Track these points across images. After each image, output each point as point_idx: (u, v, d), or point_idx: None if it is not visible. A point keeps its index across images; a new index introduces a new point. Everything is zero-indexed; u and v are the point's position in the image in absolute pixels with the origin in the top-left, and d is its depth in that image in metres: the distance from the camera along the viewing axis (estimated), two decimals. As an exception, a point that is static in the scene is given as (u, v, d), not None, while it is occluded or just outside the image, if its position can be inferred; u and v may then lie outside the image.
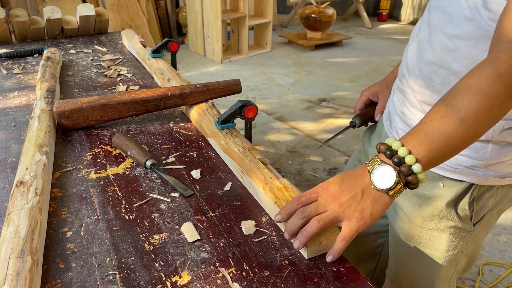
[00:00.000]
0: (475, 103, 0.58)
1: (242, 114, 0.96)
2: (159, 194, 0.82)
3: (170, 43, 1.38)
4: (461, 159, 0.78)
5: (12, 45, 1.70)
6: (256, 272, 0.64)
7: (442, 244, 0.86)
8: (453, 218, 0.83)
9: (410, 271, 0.94)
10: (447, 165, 0.79)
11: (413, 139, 0.61)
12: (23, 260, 0.59)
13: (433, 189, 0.82)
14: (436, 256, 0.88)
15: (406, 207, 0.88)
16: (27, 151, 0.85)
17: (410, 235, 0.90)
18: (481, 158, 0.77)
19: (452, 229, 0.84)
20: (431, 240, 0.87)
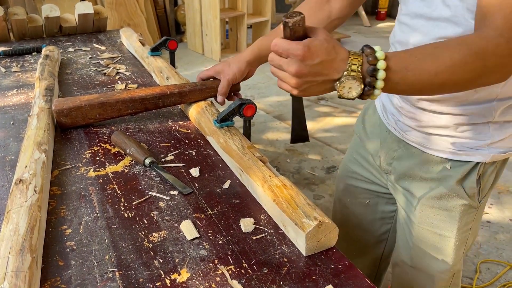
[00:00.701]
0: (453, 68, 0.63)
1: (241, 113, 0.96)
2: (158, 192, 0.82)
3: (169, 41, 1.38)
4: (466, 142, 0.83)
5: (10, 43, 1.70)
6: (255, 269, 0.65)
7: (454, 223, 0.89)
8: (463, 196, 0.86)
9: (423, 254, 0.96)
10: (453, 149, 0.84)
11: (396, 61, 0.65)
12: (23, 257, 0.59)
13: (442, 172, 0.86)
14: (448, 236, 0.91)
15: (418, 192, 0.91)
16: (26, 149, 0.85)
17: (423, 217, 0.92)
18: (484, 138, 0.81)
19: (462, 207, 0.88)
20: (443, 220, 0.90)
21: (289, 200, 0.72)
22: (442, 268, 0.95)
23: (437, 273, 0.96)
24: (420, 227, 0.94)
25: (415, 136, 0.89)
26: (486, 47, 0.62)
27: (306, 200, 0.72)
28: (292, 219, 0.69)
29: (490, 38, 0.63)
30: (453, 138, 0.84)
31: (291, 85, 0.66)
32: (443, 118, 0.83)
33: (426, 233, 0.93)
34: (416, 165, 0.90)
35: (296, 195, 0.73)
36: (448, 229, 0.91)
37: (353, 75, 0.64)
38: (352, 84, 0.64)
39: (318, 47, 0.64)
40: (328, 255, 0.68)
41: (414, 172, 0.91)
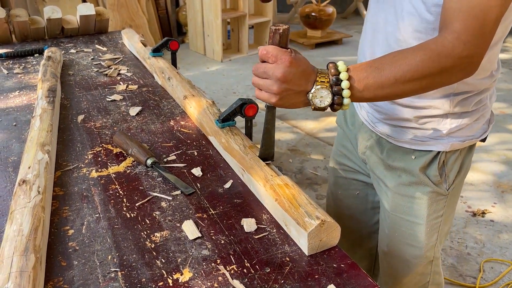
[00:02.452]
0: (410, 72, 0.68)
1: (242, 112, 0.96)
2: (160, 192, 0.82)
3: (171, 42, 1.38)
4: (427, 132, 0.89)
5: (12, 45, 1.70)
6: (257, 269, 0.65)
7: (423, 209, 0.95)
8: (428, 183, 0.92)
9: (398, 241, 1.01)
10: (415, 139, 0.91)
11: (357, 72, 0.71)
12: (27, 258, 0.59)
13: (407, 162, 0.93)
14: (419, 223, 0.96)
15: (388, 180, 0.97)
16: (29, 150, 0.85)
17: (394, 205, 0.98)
18: (443, 129, 0.88)
19: (430, 194, 0.93)
20: (412, 207, 0.95)
21: (291, 199, 0.72)
22: (416, 254, 0.99)
23: (411, 259, 1.01)
24: (393, 215, 0.99)
25: (382, 127, 0.95)
26: (440, 50, 0.67)
27: (308, 200, 0.72)
28: (294, 218, 0.69)
29: (446, 41, 0.67)
30: (415, 129, 0.90)
31: (273, 91, 0.71)
32: (405, 111, 0.89)
33: (398, 221, 0.98)
34: (384, 155, 0.96)
35: (298, 195, 0.73)
36: (418, 216, 0.95)
37: (322, 86, 0.71)
38: (323, 94, 0.71)
39: (301, 58, 0.72)
40: (330, 254, 0.68)
41: (383, 161, 0.97)
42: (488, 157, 2.63)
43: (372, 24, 0.90)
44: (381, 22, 0.86)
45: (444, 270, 1.82)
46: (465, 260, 1.87)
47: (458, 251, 1.92)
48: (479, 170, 2.51)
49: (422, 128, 0.89)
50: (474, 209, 2.17)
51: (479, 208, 2.17)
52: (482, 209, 2.16)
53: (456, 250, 1.92)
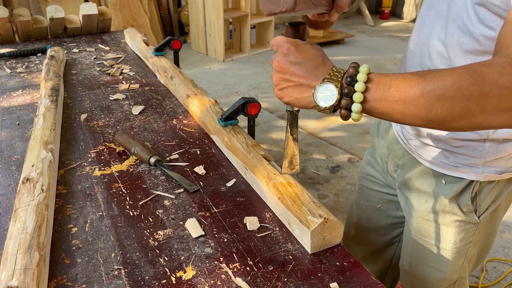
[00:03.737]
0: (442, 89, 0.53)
1: (245, 111, 0.96)
2: (163, 191, 0.82)
3: (173, 41, 1.38)
4: (460, 157, 0.80)
5: (15, 45, 1.71)
6: (260, 267, 0.65)
7: (449, 237, 0.88)
8: (456, 213, 0.85)
9: (421, 263, 0.96)
10: (447, 163, 0.82)
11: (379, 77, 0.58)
12: (31, 255, 0.59)
13: (437, 186, 0.85)
14: (444, 248, 0.90)
15: (415, 202, 0.91)
16: (32, 149, 0.85)
17: (419, 228, 0.93)
18: (478, 156, 0.78)
19: (457, 223, 0.86)
20: (438, 233, 0.89)
21: (294, 197, 0.72)
22: (439, 277, 0.94)
23: (434, 281, 0.95)
24: (417, 237, 0.94)
25: (415, 145, 0.87)
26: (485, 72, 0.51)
27: (311, 198, 0.72)
28: (297, 217, 0.69)
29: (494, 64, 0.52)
30: (448, 152, 0.81)
31: (273, 81, 0.65)
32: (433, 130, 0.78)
33: (422, 243, 0.93)
34: (414, 176, 0.90)
35: (301, 193, 0.73)
36: (444, 241, 0.89)
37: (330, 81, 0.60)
38: (329, 91, 0.59)
39: (306, 49, 0.63)
40: (333, 252, 0.68)
41: (412, 182, 0.90)
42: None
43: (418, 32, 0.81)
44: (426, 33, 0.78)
45: (447, 269, 1.82)
46: (468, 259, 1.86)
47: (461, 250, 1.91)
48: (482, 169, 2.50)
49: (456, 151, 0.80)
50: (477, 208, 2.17)
51: (482, 208, 2.17)
52: (485, 209, 2.16)
53: (459, 250, 1.92)
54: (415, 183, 0.90)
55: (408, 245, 0.99)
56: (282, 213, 0.74)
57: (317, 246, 0.67)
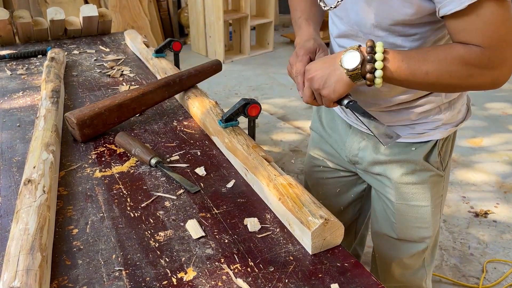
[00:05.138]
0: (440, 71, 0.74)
1: (245, 112, 0.97)
2: (164, 192, 0.83)
3: (173, 43, 1.38)
4: (424, 125, 0.95)
5: (15, 46, 1.71)
6: (261, 268, 0.65)
7: (427, 194, 1.01)
8: (430, 168, 0.99)
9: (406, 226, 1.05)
10: (413, 133, 0.96)
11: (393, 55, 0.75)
12: (33, 256, 0.59)
13: (408, 154, 0.98)
14: (425, 205, 1.02)
15: (390, 173, 1.01)
16: (34, 150, 0.86)
17: (400, 194, 1.02)
18: (439, 119, 0.95)
19: (432, 178, 1.00)
20: (418, 193, 1.01)
21: (294, 198, 0.72)
22: (425, 235, 1.06)
23: (420, 240, 1.07)
24: (399, 204, 1.03)
25: None
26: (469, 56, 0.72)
27: (311, 199, 0.72)
28: (298, 218, 0.69)
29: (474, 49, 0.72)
30: (413, 125, 0.95)
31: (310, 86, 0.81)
32: (404, 112, 0.94)
33: (405, 208, 1.03)
34: (382, 153, 1.00)
35: (301, 194, 0.73)
36: (423, 199, 1.01)
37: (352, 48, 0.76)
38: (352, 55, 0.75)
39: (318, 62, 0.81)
40: (334, 253, 0.68)
41: (383, 158, 1.00)
42: (490, 158, 2.62)
43: None
44: None
45: (447, 270, 1.82)
46: (468, 260, 1.86)
47: (461, 251, 1.91)
48: (482, 170, 2.50)
49: (419, 122, 0.95)
50: (477, 209, 2.17)
51: (482, 209, 2.17)
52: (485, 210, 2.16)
53: (459, 251, 1.92)
54: (386, 157, 0.99)
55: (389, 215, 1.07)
56: (283, 214, 0.74)
57: (318, 247, 0.68)
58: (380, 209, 1.09)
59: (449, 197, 2.27)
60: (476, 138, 2.86)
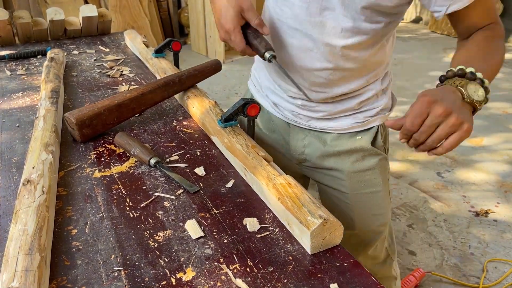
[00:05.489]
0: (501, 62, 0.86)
1: (244, 112, 0.97)
2: (163, 192, 0.83)
3: (173, 43, 1.38)
4: (366, 112, 1.02)
5: (15, 47, 1.71)
6: (260, 268, 0.65)
7: (378, 177, 1.06)
8: (377, 152, 1.05)
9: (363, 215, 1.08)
10: (357, 122, 1.02)
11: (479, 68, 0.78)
12: (32, 257, 0.59)
13: (355, 142, 1.03)
14: (378, 191, 1.07)
15: (341, 164, 1.05)
16: (33, 150, 0.86)
17: (352, 184, 1.05)
18: (378, 106, 1.02)
19: (380, 162, 1.05)
20: (370, 179, 1.05)
21: (293, 198, 0.72)
22: (382, 221, 1.11)
23: (378, 228, 1.11)
24: (354, 194, 1.06)
25: (320, 123, 1.03)
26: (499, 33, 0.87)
27: (310, 199, 0.72)
28: (297, 217, 0.69)
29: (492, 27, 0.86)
30: (355, 115, 1.01)
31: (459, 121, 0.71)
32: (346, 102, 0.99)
33: (360, 197, 1.06)
34: (328, 145, 1.04)
35: (300, 194, 0.73)
36: (376, 184, 1.06)
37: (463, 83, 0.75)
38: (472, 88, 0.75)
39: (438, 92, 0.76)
40: (333, 253, 0.68)
41: (331, 150, 1.04)
42: (491, 157, 2.62)
43: None
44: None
45: (448, 270, 1.82)
46: (469, 260, 1.86)
47: (461, 251, 1.91)
48: (482, 170, 2.50)
49: (362, 111, 1.01)
50: (477, 209, 2.16)
51: (482, 208, 2.16)
52: (485, 209, 2.15)
53: (460, 250, 1.92)
54: (334, 149, 1.03)
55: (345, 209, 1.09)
56: (282, 214, 0.74)
57: (317, 247, 0.68)
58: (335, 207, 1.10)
59: (450, 196, 2.27)
60: (476, 138, 2.85)
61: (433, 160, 2.60)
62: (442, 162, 2.58)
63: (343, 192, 1.06)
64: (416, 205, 2.22)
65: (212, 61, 1.25)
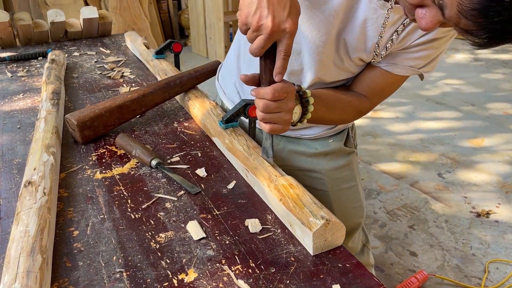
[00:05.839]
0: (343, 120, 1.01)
1: (246, 113, 0.96)
2: (165, 193, 0.82)
3: (174, 44, 1.38)
4: None
5: (16, 48, 1.71)
6: (262, 269, 0.65)
7: (354, 171, 1.12)
8: (349, 150, 1.10)
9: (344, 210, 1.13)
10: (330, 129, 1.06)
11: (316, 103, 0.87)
12: (33, 258, 0.59)
13: (327, 146, 1.08)
14: (354, 185, 1.12)
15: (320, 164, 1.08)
16: (34, 152, 0.85)
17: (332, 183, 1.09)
18: None
19: (353, 158, 1.12)
20: (346, 175, 1.10)
21: (295, 199, 0.72)
22: (361, 212, 1.18)
23: (358, 219, 1.18)
24: (334, 191, 1.10)
25: (292, 132, 1.06)
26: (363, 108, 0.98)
27: (312, 199, 0.72)
28: (299, 218, 0.69)
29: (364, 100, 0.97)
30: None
31: (287, 121, 0.78)
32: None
33: (339, 193, 1.11)
34: (304, 148, 1.07)
35: (302, 195, 0.73)
36: (352, 179, 1.11)
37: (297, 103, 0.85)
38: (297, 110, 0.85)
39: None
40: (335, 254, 0.68)
41: (306, 153, 1.07)
42: (492, 158, 2.62)
43: None
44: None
45: (449, 271, 1.81)
46: (470, 261, 1.86)
47: (463, 252, 1.91)
48: (483, 170, 2.50)
49: None
50: (479, 209, 2.16)
51: (484, 209, 2.16)
52: (487, 210, 2.15)
53: (461, 251, 1.91)
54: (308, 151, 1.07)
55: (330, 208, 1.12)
56: (284, 215, 0.74)
57: (319, 248, 0.67)
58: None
59: (451, 197, 2.27)
60: (477, 138, 2.85)
61: (434, 161, 2.60)
62: (443, 163, 2.58)
63: (323, 190, 1.10)
64: (417, 206, 2.22)
65: (213, 63, 1.25)
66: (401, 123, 3.08)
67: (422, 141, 2.83)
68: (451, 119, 3.12)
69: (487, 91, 3.59)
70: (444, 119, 3.13)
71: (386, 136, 2.90)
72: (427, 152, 2.70)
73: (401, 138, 2.87)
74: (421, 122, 3.09)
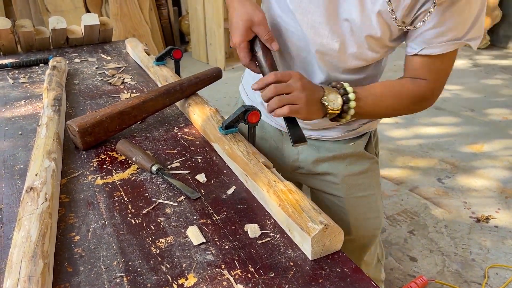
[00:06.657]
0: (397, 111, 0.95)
1: (245, 119, 0.97)
2: (165, 199, 0.83)
3: (174, 51, 1.39)
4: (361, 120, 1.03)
5: (18, 55, 1.73)
6: (261, 273, 0.65)
7: (372, 180, 1.09)
8: (370, 156, 1.07)
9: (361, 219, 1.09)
10: (351, 130, 1.03)
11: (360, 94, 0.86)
12: (35, 263, 0.60)
13: (348, 149, 1.05)
14: (373, 194, 1.09)
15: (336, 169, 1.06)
16: (36, 158, 0.86)
17: (349, 189, 1.07)
18: None
19: (373, 165, 1.08)
20: (364, 183, 1.07)
21: (294, 204, 0.73)
22: (378, 224, 1.12)
23: (374, 232, 1.12)
24: (349, 198, 1.07)
25: (314, 132, 1.04)
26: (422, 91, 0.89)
27: (311, 205, 0.73)
28: (298, 224, 0.69)
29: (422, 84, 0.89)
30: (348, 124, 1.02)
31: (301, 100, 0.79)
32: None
33: (355, 201, 1.07)
34: (323, 151, 1.05)
35: (301, 200, 0.74)
36: (370, 188, 1.08)
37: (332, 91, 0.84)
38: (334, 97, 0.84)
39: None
40: (334, 258, 0.68)
41: (324, 156, 1.05)
42: (491, 163, 2.62)
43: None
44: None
45: (449, 276, 1.81)
46: (470, 266, 1.86)
47: (463, 257, 1.91)
48: (483, 176, 2.50)
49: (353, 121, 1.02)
50: (478, 215, 2.16)
51: (483, 214, 2.16)
52: (486, 215, 2.15)
53: (461, 256, 1.91)
54: (328, 154, 1.05)
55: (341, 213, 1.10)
56: (283, 220, 0.74)
57: (318, 253, 0.68)
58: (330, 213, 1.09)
59: (450, 202, 2.27)
60: (477, 144, 2.86)
61: (433, 166, 2.61)
62: (443, 168, 2.58)
63: (338, 196, 1.07)
64: (417, 211, 2.22)
65: (213, 69, 1.26)
66: (400, 128, 3.09)
67: (422, 146, 2.84)
68: (450, 125, 3.13)
69: (487, 96, 3.60)
70: (444, 125, 3.14)
71: (385, 141, 2.91)
72: (426, 157, 2.71)
73: (400, 144, 2.88)
74: (420, 127, 3.10)
